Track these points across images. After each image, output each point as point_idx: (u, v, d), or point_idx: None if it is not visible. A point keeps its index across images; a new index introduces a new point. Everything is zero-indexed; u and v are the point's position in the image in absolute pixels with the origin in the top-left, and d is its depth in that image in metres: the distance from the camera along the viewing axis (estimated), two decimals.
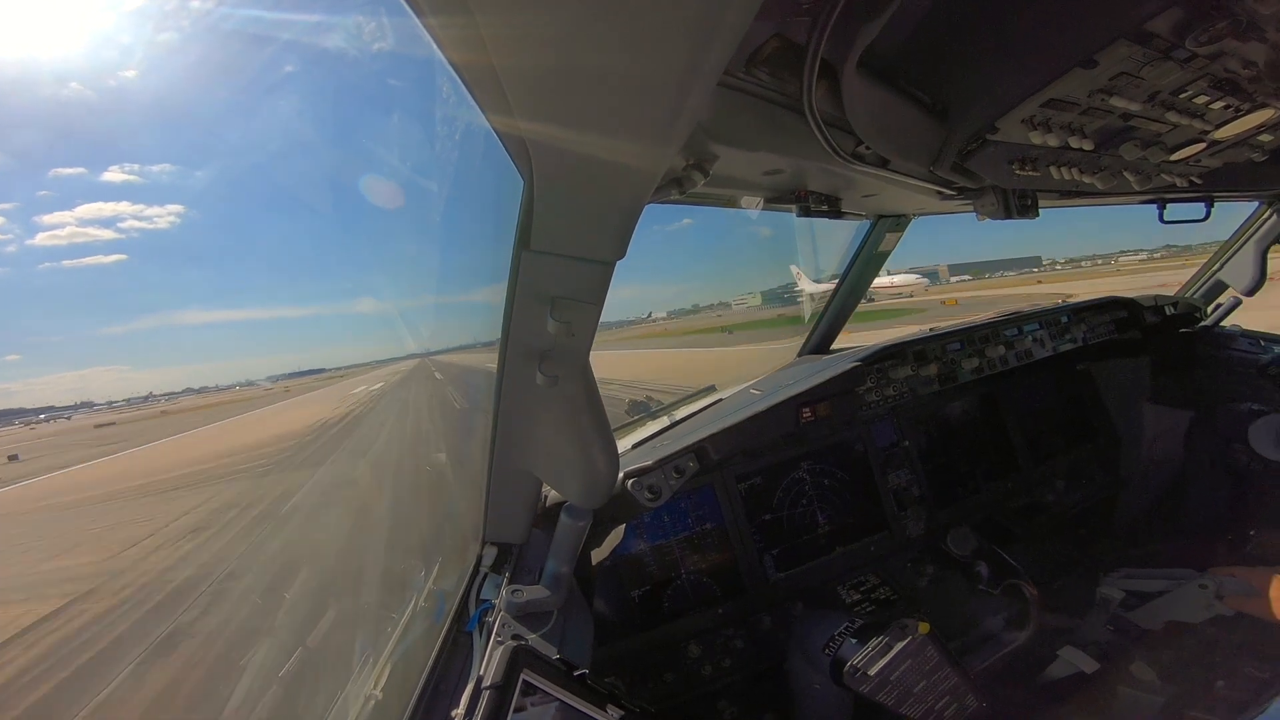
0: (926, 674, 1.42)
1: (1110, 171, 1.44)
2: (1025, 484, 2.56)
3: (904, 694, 1.40)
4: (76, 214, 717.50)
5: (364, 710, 1.34)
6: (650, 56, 0.55)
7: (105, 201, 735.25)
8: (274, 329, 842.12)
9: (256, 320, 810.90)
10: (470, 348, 13.76)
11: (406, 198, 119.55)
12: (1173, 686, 1.63)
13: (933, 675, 1.42)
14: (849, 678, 1.40)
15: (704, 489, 2.09)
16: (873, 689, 1.39)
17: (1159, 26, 0.87)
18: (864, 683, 1.39)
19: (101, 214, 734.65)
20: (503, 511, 1.44)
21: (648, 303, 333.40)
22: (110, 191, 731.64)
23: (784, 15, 0.80)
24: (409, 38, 0.55)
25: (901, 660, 1.40)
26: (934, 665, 1.43)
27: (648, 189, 0.79)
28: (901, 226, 2.37)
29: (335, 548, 6.46)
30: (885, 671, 1.39)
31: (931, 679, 1.42)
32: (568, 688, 1.08)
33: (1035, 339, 2.53)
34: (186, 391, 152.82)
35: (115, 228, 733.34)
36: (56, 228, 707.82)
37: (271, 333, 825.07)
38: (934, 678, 1.42)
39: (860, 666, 1.39)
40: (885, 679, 1.39)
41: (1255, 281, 2.71)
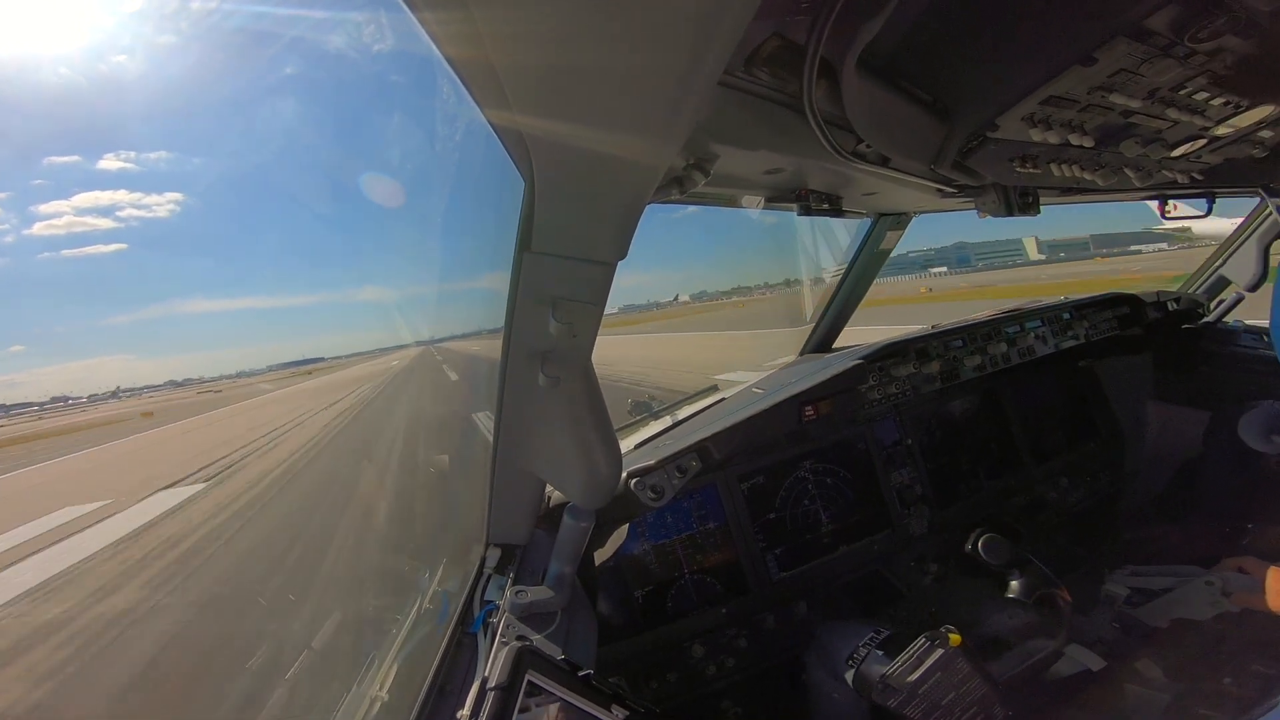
0: (956, 685, 1.39)
1: (1111, 168, 1.44)
2: (1028, 481, 2.56)
3: (932, 706, 1.37)
4: (73, 203, 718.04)
5: (370, 711, 1.34)
6: (650, 54, 0.55)
7: (102, 190, 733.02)
8: (279, 317, 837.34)
9: (261, 309, 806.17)
10: (475, 335, 15.86)
11: (409, 201, 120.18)
12: (1179, 684, 1.63)
13: (962, 686, 1.40)
14: (877, 692, 1.37)
15: (707, 488, 2.09)
16: (901, 703, 1.36)
17: (1158, 23, 0.87)
18: (892, 696, 1.36)
19: (99, 203, 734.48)
20: (506, 513, 1.44)
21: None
22: (107, 180, 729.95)
23: (783, 14, 0.80)
24: (409, 34, 0.56)
25: (932, 674, 1.37)
26: (964, 677, 1.39)
27: (648, 188, 0.80)
28: (902, 225, 2.37)
29: (337, 546, 6.48)
30: (915, 685, 1.36)
31: (961, 690, 1.39)
32: (572, 688, 1.08)
33: (1037, 336, 2.53)
34: (220, 377, 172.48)
35: (114, 217, 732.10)
36: (54, 217, 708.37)
37: (276, 321, 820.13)
38: (963, 689, 1.40)
39: (890, 680, 1.36)
40: (914, 692, 1.36)
41: (1257, 277, 2.70)
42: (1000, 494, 2.49)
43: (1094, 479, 2.66)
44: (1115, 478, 2.70)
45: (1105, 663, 1.74)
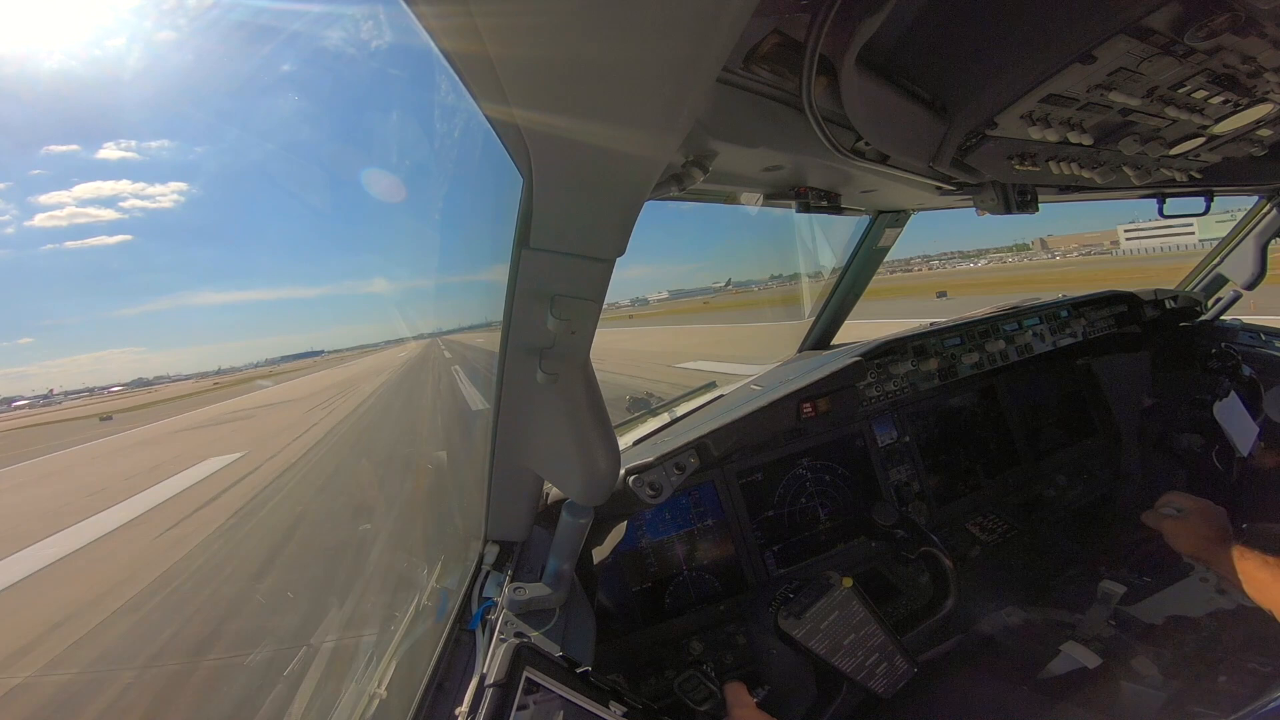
0: (854, 628, 1.50)
1: (1109, 166, 1.44)
2: (1026, 479, 2.57)
3: (835, 645, 1.49)
4: (74, 194, 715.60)
5: (369, 708, 1.34)
6: (649, 50, 0.55)
7: (104, 180, 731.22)
8: (283, 309, 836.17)
9: (268, 301, 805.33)
10: (476, 329, 17.84)
11: (410, 196, 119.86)
12: (1175, 681, 1.63)
13: (860, 630, 1.51)
14: (784, 623, 1.48)
15: (705, 485, 2.09)
16: (805, 635, 1.47)
17: (1157, 22, 0.87)
18: (797, 628, 1.47)
19: (101, 193, 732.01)
20: (504, 509, 1.44)
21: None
22: (108, 170, 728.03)
23: (783, 11, 0.80)
24: (405, 28, 0.55)
25: (829, 610, 1.49)
26: (860, 620, 1.51)
27: (648, 184, 0.79)
28: (901, 222, 2.37)
29: (339, 544, 6.49)
30: (815, 619, 1.47)
31: (860, 633, 1.51)
32: (570, 685, 1.08)
33: (1035, 333, 2.53)
34: (249, 365, 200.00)
35: (116, 207, 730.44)
36: (55, 208, 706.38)
37: (280, 313, 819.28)
38: (861, 633, 1.51)
39: (793, 612, 1.48)
40: (816, 627, 1.47)
41: (1255, 275, 2.71)
42: (998, 491, 2.50)
43: (1091, 476, 2.67)
44: (1112, 475, 2.71)
45: (1101, 660, 1.75)
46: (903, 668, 1.55)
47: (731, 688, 1.37)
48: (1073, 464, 2.67)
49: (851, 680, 1.50)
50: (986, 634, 2.02)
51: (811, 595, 1.50)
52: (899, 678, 1.55)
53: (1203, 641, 1.72)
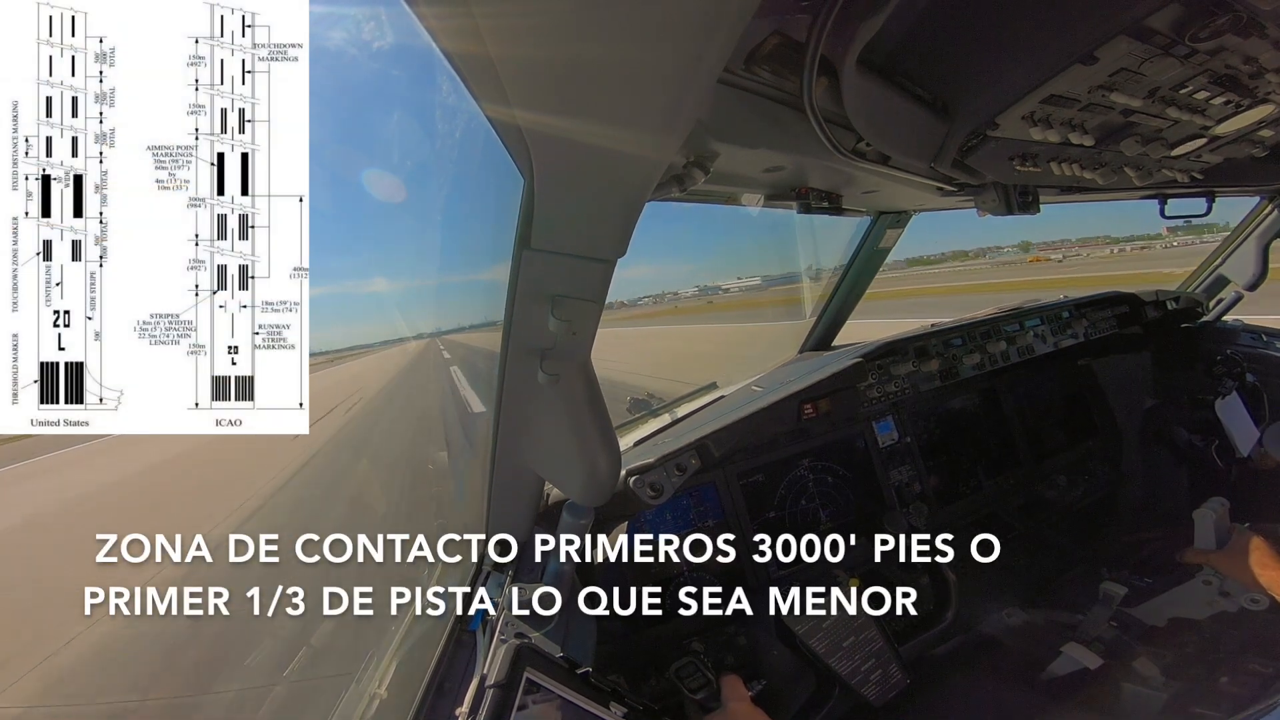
0: (855, 630, 1.51)
1: (1111, 167, 1.44)
2: (1027, 480, 2.56)
3: (834, 646, 1.49)
4: None
5: (369, 709, 1.34)
6: (651, 50, 0.55)
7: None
8: None
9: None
10: (475, 329, 21.90)
11: (409, 198, 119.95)
12: (1177, 683, 1.63)
13: (861, 633, 1.52)
14: (788, 618, 1.49)
15: (706, 486, 2.08)
16: (806, 632, 1.47)
17: (1159, 22, 0.87)
18: (799, 624, 1.48)
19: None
20: (505, 510, 1.44)
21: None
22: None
23: (784, 12, 0.80)
24: (407, 29, 0.55)
25: (832, 608, 1.50)
26: (861, 624, 1.52)
27: (649, 185, 0.79)
28: (902, 223, 2.37)
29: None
30: (818, 616, 1.48)
31: (860, 636, 1.52)
32: (571, 686, 1.08)
33: (1037, 334, 2.53)
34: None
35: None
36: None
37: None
38: (861, 636, 1.52)
39: (796, 606, 1.49)
40: (818, 625, 1.48)
41: (1257, 276, 2.70)
42: (999, 492, 2.50)
43: (1092, 477, 2.66)
44: (1114, 476, 2.71)
45: (1102, 661, 1.74)
46: (896, 677, 1.56)
47: (728, 680, 1.37)
48: (1074, 465, 2.66)
49: (845, 685, 1.50)
50: (987, 634, 2.02)
51: (816, 591, 1.50)
52: (891, 687, 1.55)
53: (1204, 643, 1.72)
